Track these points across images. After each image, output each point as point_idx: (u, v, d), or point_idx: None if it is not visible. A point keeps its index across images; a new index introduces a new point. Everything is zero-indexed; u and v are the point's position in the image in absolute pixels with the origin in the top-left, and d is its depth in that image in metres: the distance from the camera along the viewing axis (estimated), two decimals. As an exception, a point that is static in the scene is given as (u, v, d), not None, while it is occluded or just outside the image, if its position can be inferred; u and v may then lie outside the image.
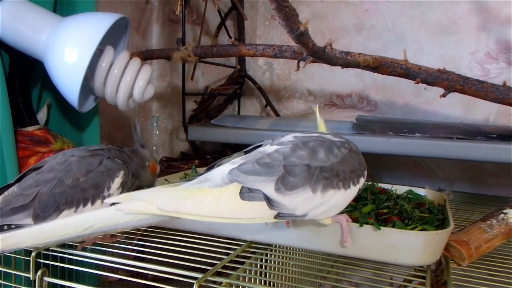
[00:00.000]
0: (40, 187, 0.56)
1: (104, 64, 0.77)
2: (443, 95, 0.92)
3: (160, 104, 1.51)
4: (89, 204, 0.58)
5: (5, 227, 0.54)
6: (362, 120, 1.10)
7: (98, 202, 0.59)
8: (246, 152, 0.56)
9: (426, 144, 0.95)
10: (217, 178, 0.49)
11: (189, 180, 0.51)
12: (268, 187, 0.47)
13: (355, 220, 0.57)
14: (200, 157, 1.31)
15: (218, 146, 1.43)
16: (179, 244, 0.61)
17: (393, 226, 0.58)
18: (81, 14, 0.78)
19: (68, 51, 0.71)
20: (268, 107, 1.36)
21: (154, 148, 1.51)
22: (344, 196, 0.51)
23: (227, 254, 0.59)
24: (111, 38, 0.80)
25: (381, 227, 0.54)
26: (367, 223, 0.55)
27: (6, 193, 0.57)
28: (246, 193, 0.46)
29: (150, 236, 0.65)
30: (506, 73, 1.16)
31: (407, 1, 1.23)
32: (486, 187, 1.23)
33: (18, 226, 0.55)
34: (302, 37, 0.63)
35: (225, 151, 1.37)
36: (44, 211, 0.55)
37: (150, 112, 1.48)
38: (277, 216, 0.48)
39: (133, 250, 0.68)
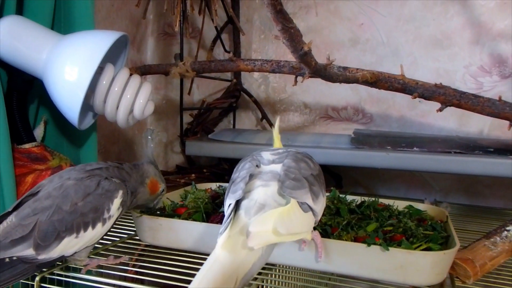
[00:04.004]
0: (38, 216, 0.55)
1: (104, 82, 0.76)
2: (440, 110, 0.92)
3: (155, 117, 1.50)
4: (89, 228, 0.57)
5: (7, 260, 0.53)
6: (360, 135, 1.11)
7: (99, 225, 0.58)
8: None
9: (425, 159, 0.96)
10: (270, 202, 0.48)
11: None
12: (309, 199, 0.49)
13: (362, 241, 0.57)
14: (196, 171, 1.30)
15: (214, 160, 1.42)
16: (180, 265, 0.60)
17: (399, 245, 0.58)
18: (82, 32, 0.77)
19: (68, 69, 0.70)
20: (264, 120, 1.37)
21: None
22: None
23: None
24: (110, 54, 0.79)
25: (389, 248, 0.54)
26: (375, 243, 0.55)
27: (4, 223, 0.55)
28: (302, 206, 0.48)
29: (148, 256, 0.64)
30: (499, 86, 1.18)
31: (401, 16, 1.25)
32: (481, 198, 1.24)
33: (19, 258, 0.54)
34: (305, 56, 0.64)
35: (221, 165, 1.37)
36: (45, 240, 0.54)
37: (145, 125, 1.47)
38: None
39: (135, 272, 0.67)
